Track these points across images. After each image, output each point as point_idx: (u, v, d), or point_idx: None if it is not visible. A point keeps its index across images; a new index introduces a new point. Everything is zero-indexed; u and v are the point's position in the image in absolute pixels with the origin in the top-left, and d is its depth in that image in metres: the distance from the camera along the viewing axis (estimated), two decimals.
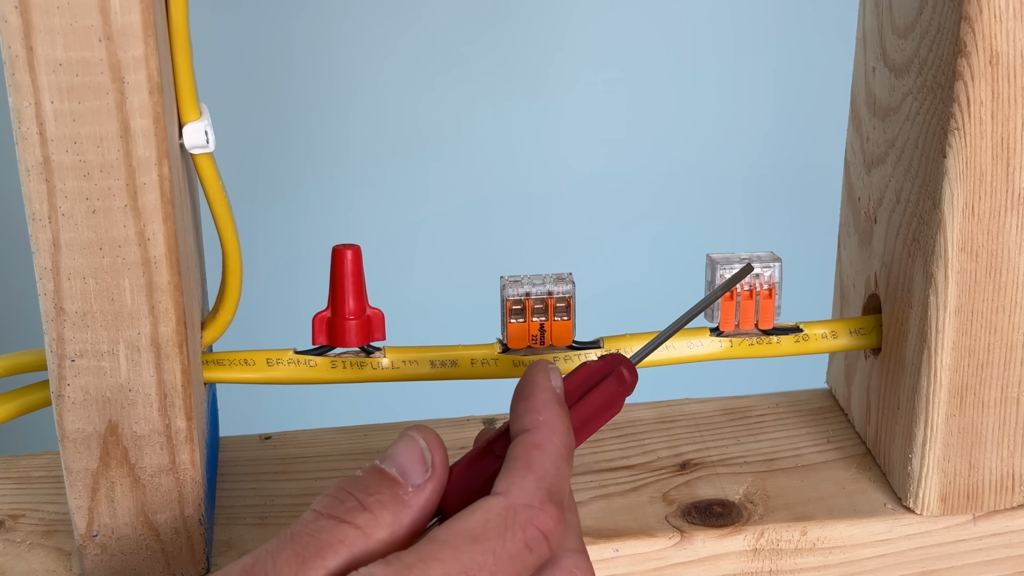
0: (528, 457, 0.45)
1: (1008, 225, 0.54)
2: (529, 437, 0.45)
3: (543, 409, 0.46)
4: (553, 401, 0.47)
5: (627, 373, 0.50)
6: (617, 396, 0.50)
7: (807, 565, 0.58)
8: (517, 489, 0.44)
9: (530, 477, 0.44)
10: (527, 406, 0.46)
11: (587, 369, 0.50)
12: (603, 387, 0.50)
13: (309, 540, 0.42)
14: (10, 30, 0.45)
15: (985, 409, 0.57)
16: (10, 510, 0.59)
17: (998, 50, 0.51)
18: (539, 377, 0.48)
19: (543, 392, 0.47)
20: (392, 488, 0.44)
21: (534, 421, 0.46)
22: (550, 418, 0.46)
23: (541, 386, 0.47)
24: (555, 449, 0.45)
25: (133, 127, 0.47)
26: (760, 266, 0.58)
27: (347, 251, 0.56)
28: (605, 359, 0.50)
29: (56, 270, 0.49)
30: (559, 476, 0.45)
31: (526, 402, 0.47)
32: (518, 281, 0.57)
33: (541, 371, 0.48)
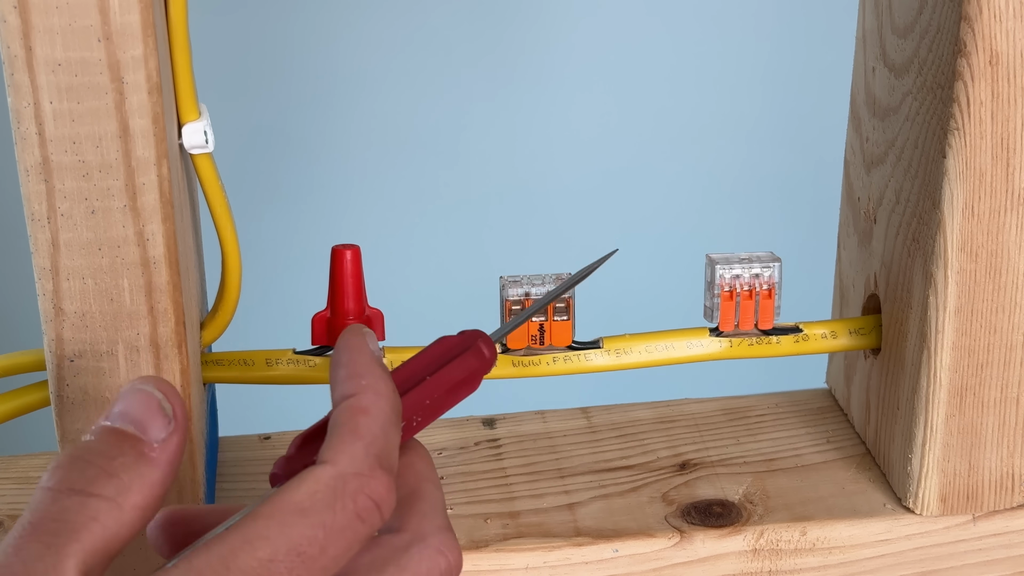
0: (354, 423, 0.42)
1: (1008, 225, 0.54)
2: (354, 402, 0.42)
3: (365, 373, 0.43)
4: (374, 363, 0.44)
5: (486, 349, 0.48)
6: (475, 372, 0.48)
7: (807, 565, 0.58)
8: (345, 457, 0.41)
9: (358, 444, 0.41)
10: (347, 372, 0.43)
11: (444, 343, 0.48)
12: (460, 361, 0.47)
13: (55, 526, 0.38)
14: (9, 30, 0.45)
15: (985, 409, 0.57)
16: (10, 510, 0.59)
17: (998, 50, 0.51)
18: (356, 341, 0.45)
19: (361, 355, 0.44)
20: (135, 447, 0.40)
21: (356, 386, 0.43)
22: (373, 382, 0.43)
23: (359, 349, 0.44)
24: (382, 413, 0.42)
25: (132, 127, 0.47)
26: (760, 266, 0.58)
27: (347, 251, 0.56)
28: (464, 334, 0.48)
29: (55, 270, 0.49)
30: (388, 441, 0.42)
31: (345, 368, 0.44)
32: (518, 281, 0.57)
33: (356, 335, 0.45)
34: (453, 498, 0.60)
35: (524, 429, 0.65)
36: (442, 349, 0.48)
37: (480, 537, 0.57)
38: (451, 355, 0.48)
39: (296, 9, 1.11)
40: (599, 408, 0.66)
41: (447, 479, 0.61)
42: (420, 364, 0.47)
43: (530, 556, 0.57)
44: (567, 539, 0.57)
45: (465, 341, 0.48)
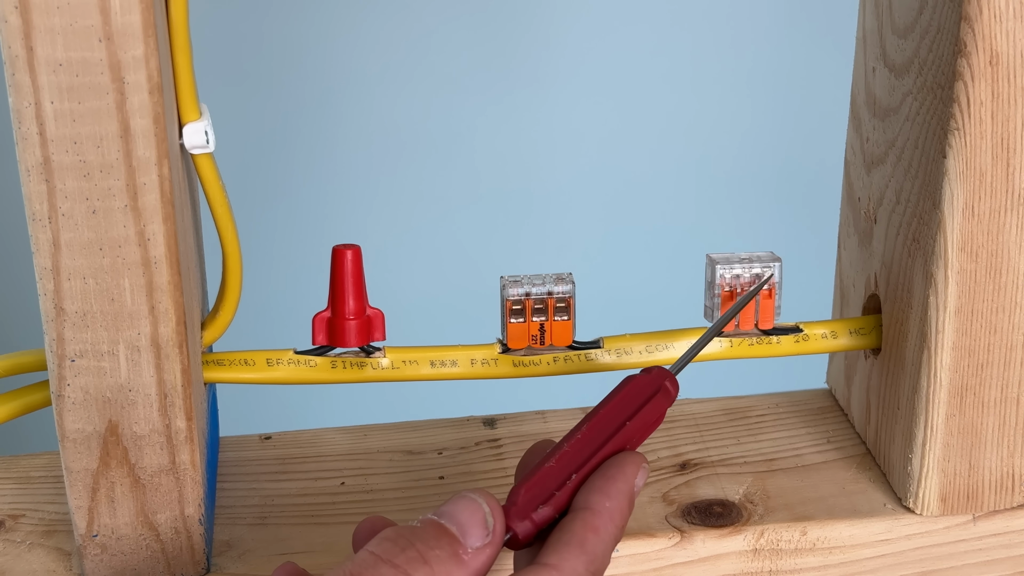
0: (584, 537, 0.46)
1: (1008, 225, 0.54)
2: (591, 517, 0.46)
3: (615, 496, 0.47)
4: (626, 494, 0.48)
5: (671, 388, 0.52)
6: (663, 410, 0.51)
7: (807, 565, 0.58)
8: (568, 567, 0.45)
9: (583, 558, 0.45)
10: (602, 485, 0.47)
11: (635, 384, 0.51)
12: (654, 404, 0.51)
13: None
14: (10, 30, 0.45)
15: (985, 409, 0.57)
16: (10, 510, 0.59)
17: (998, 50, 0.51)
18: (629, 468, 0.48)
19: (622, 482, 0.48)
20: (452, 545, 0.44)
21: (600, 504, 0.47)
22: (616, 507, 0.47)
23: (625, 475, 0.48)
24: (610, 538, 0.46)
25: (133, 127, 0.47)
26: (760, 266, 0.58)
27: (347, 251, 0.56)
28: (651, 374, 0.51)
29: (56, 270, 0.49)
30: (604, 564, 0.46)
31: (604, 481, 0.48)
32: (518, 281, 0.57)
33: (633, 464, 0.48)
34: None
35: (525, 429, 0.65)
36: (633, 390, 0.51)
37: None
38: (644, 397, 0.51)
39: (297, 9, 1.11)
40: None
41: (447, 479, 0.61)
42: (617, 408, 0.50)
43: None
44: None
45: (654, 382, 0.51)
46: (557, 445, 0.49)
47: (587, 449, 0.48)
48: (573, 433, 0.49)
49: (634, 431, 0.50)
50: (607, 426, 0.49)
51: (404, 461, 0.62)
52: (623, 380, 0.51)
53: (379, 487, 0.61)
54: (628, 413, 0.50)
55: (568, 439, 0.49)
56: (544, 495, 0.47)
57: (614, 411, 0.50)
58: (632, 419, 0.50)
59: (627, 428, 0.49)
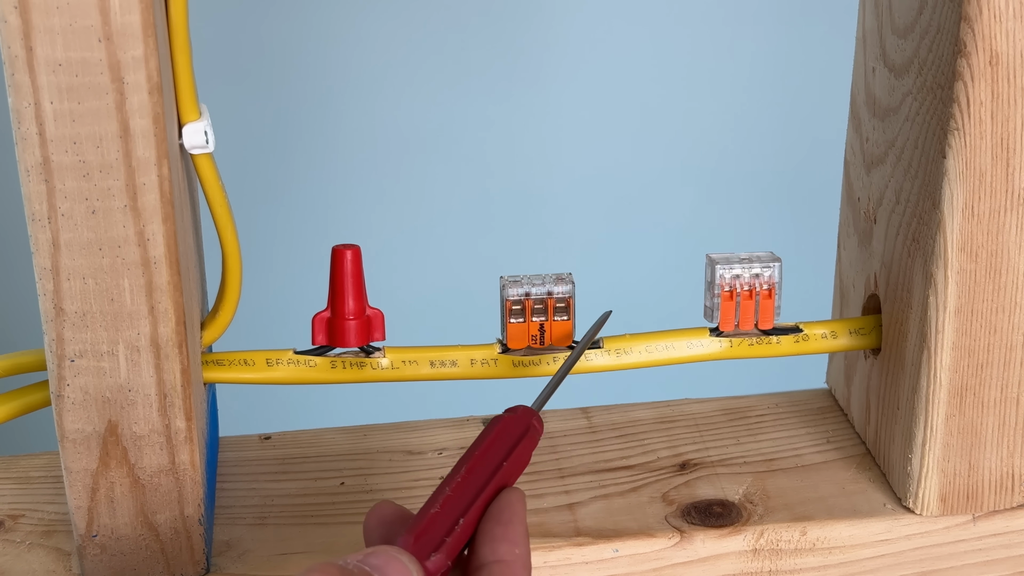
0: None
1: (1008, 225, 0.54)
2: (509, 570, 0.46)
3: (520, 542, 0.47)
4: (526, 536, 0.47)
5: (538, 426, 0.52)
6: (531, 449, 0.51)
7: (807, 565, 0.58)
8: None
9: None
10: (505, 533, 0.47)
11: (505, 424, 0.51)
12: (525, 444, 0.51)
13: None
14: (10, 30, 0.45)
15: (985, 409, 0.57)
16: (10, 510, 0.59)
17: (998, 50, 0.51)
18: (519, 507, 0.48)
19: (521, 524, 0.47)
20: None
21: (511, 553, 0.46)
22: (524, 554, 0.46)
23: (520, 517, 0.47)
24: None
25: (133, 127, 0.47)
26: (760, 266, 0.58)
27: (347, 251, 0.56)
28: (517, 414, 0.51)
29: (56, 270, 0.49)
30: None
31: (504, 528, 0.47)
32: (518, 281, 0.57)
33: (521, 501, 0.48)
34: None
35: None
36: (504, 430, 0.51)
37: None
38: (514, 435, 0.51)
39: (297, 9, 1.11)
40: (599, 408, 0.66)
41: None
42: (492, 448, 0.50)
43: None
44: (567, 539, 0.57)
45: (520, 422, 0.51)
46: (438, 489, 0.48)
47: (470, 492, 0.48)
48: (452, 477, 0.48)
49: (510, 471, 0.49)
50: (485, 467, 0.49)
51: (404, 461, 0.62)
52: (491, 421, 0.51)
53: (379, 487, 0.61)
54: (503, 453, 0.50)
55: (449, 483, 0.48)
56: (435, 542, 0.46)
57: (489, 452, 0.49)
58: (507, 459, 0.49)
59: (503, 469, 0.49)
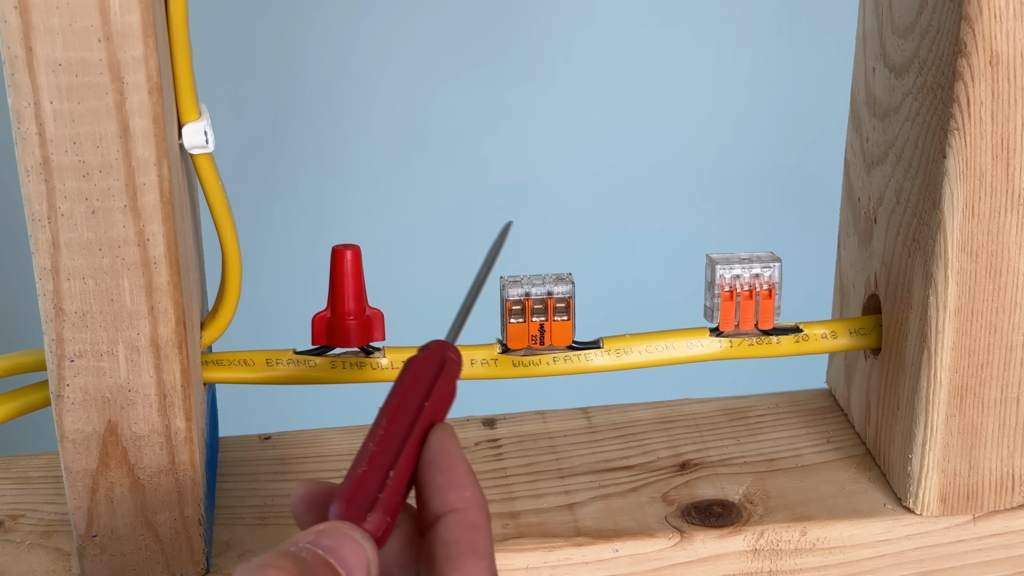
0: (473, 542, 0.43)
1: (1008, 225, 0.54)
2: (466, 518, 0.44)
3: (467, 483, 0.44)
4: (470, 474, 0.45)
5: (455, 356, 0.49)
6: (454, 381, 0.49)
7: (807, 565, 0.58)
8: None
9: (483, 563, 0.43)
10: (448, 480, 0.44)
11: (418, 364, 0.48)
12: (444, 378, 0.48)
13: None
14: (10, 30, 0.45)
15: (985, 409, 0.57)
16: (10, 510, 0.59)
17: (998, 50, 0.51)
18: (453, 446, 0.46)
19: (461, 464, 0.45)
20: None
21: (462, 498, 0.44)
22: (476, 494, 0.44)
23: (458, 456, 0.45)
24: (488, 527, 0.44)
25: (132, 127, 0.47)
26: (760, 266, 0.58)
27: (347, 251, 0.56)
28: (430, 350, 0.49)
29: (55, 270, 0.49)
30: (493, 554, 0.44)
31: (445, 474, 0.45)
32: (518, 281, 0.57)
33: (452, 439, 0.46)
34: None
35: (524, 429, 0.65)
36: (418, 370, 0.48)
37: None
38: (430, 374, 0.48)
39: (296, 9, 1.11)
40: (599, 408, 0.66)
41: None
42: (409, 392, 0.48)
43: (530, 556, 0.57)
44: (567, 539, 0.57)
45: (435, 356, 0.49)
46: (362, 448, 0.45)
47: (395, 441, 0.45)
48: (375, 430, 0.46)
49: (433, 410, 0.47)
50: (406, 413, 0.46)
51: None
52: (404, 363, 0.48)
53: None
54: (422, 395, 0.47)
55: (371, 437, 0.45)
56: (368, 502, 0.43)
57: (407, 397, 0.47)
58: (428, 399, 0.47)
59: (426, 409, 0.46)
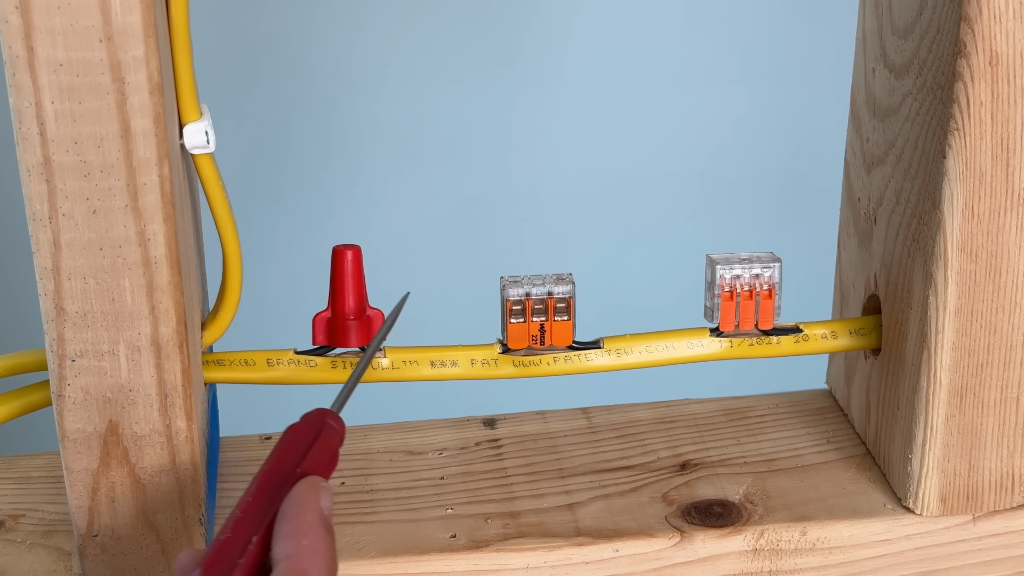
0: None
1: (1008, 225, 0.54)
2: (294, 563, 0.44)
3: (308, 532, 0.45)
4: (319, 524, 0.45)
5: (335, 424, 0.50)
6: (335, 447, 0.50)
7: (807, 565, 0.58)
8: None
9: None
10: (291, 527, 0.45)
11: (295, 431, 0.49)
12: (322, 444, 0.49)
13: None
14: (11, 31, 0.45)
15: (985, 409, 0.57)
16: (10, 510, 0.59)
17: (998, 51, 0.51)
18: (307, 497, 0.46)
19: (310, 513, 0.46)
20: None
21: (298, 546, 0.44)
22: (314, 542, 0.45)
23: (308, 506, 0.46)
24: (322, 573, 0.44)
25: (134, 127, 0.47)
26: (760, 266, 0.58)
27: (347, 251, 0.56)
28: (309, 418, 0.50)
29: (56, 270, 0.49)
30: None
31: (290, 523, 0.45)
32: (518, 281, 0.58)
33: (310, 490, 0.47)
34: (454, 498, 0.60)
35: (525, 429, 0.65)
36: (295, 438, 0.49)
37: (481, 537, 0.57)
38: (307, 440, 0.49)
39: (297, 9, 1.11)
40: (599, 408, 0.66)
41: (448, 479, 0.61)
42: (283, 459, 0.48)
43: (530, 556, 0.57)
44: (567, 539, 0.57)
45: (313, 423, 0.50)
46: (231, 513, 0.46)
47: (262, 508, 0.46)
48: (244, 497, 0.46)
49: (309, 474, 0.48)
50: (277, 479, 0.47)
51: (404, 461, 0.62)
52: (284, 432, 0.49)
53: (379, 487, 0.61)
54: (296, 461, 0.48)
55: (240, 504, 0.46)
56: (228, 568, 0.44)
57: (279, 463, 0.48)
58: (301, 465, 0.48)
59: (299, 475, 0.47)
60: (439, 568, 0.56)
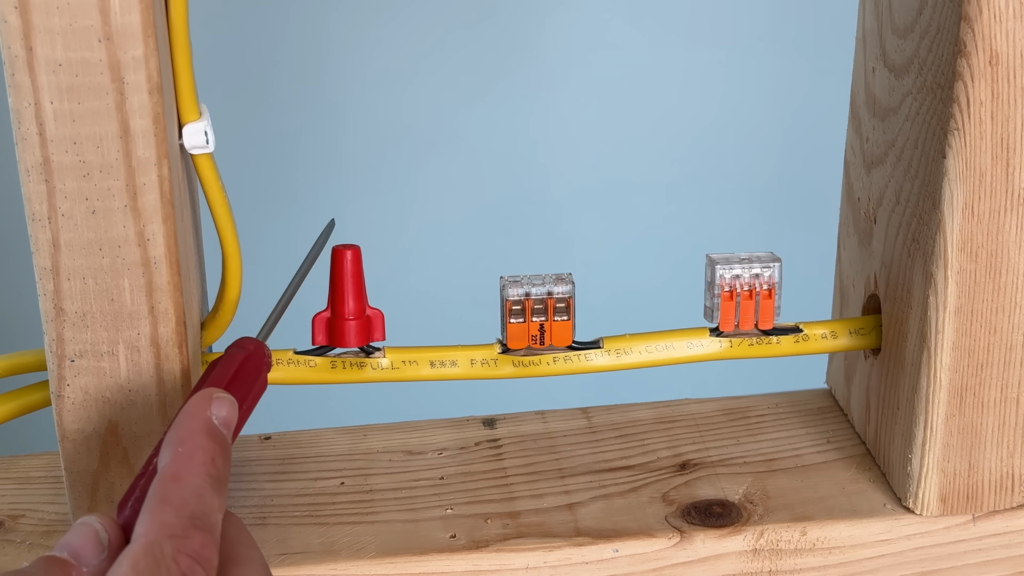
0: (164, 491, 0.44)
1: (1008, 225, 0.54)
2: (166, 471, 0.44)
3: (186, 440, 0.45)
4: (199, 431, 0.46)
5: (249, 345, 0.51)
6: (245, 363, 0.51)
7: (807, 565, 0.58)
8: (156, 525, 0.43)
9: (167, 510, 0.43)
10: (172, 436, 0.46)
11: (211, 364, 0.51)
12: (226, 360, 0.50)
13: None
14: (10, 31, 0.45)
15: (985, 409, 0.57)
16: (10, 510, 0.59)
17: (998, 50, 0.51)
18: (194, 406, 0.47)
19: (192, 421, 0.46)
20: (65, 570, 0.43)
21: (173, 453, 0.45)
22: (190, 448, 0.45)
23: (192, 415, 0.46)
24: (195, 478, 0.44)
25: (133, 127, 0.47)
26: (760, 266, 0.58)
27: (347, 251, 0.56)
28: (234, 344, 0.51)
29: (56, 270, 0.49)
30: (202, 503, 0.44)
31: (172, 432, 0.46)
32: (518, 281, 0.57)
33: (199, 400, 0.47)
34: (453, 498, 0.60)
35: (524, 429, 0.65)
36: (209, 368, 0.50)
37: (480, 537, 0.57)
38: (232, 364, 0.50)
39: (297, 10, 1.11)
40: (599, 408, 0.66)
41: (447, 479, 0.61)
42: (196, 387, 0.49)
43: (530, 556, 0.57)
44: (567, 539, 0.57)
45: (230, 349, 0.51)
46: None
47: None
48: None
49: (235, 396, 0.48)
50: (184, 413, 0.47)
51: (404, 461, 0.62)
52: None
53: (379, 487, 0.61)
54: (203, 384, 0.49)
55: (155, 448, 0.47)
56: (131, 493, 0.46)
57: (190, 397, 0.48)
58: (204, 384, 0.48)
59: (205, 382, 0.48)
60: (439, 568, 0.56)
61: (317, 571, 0.56)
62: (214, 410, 0.47)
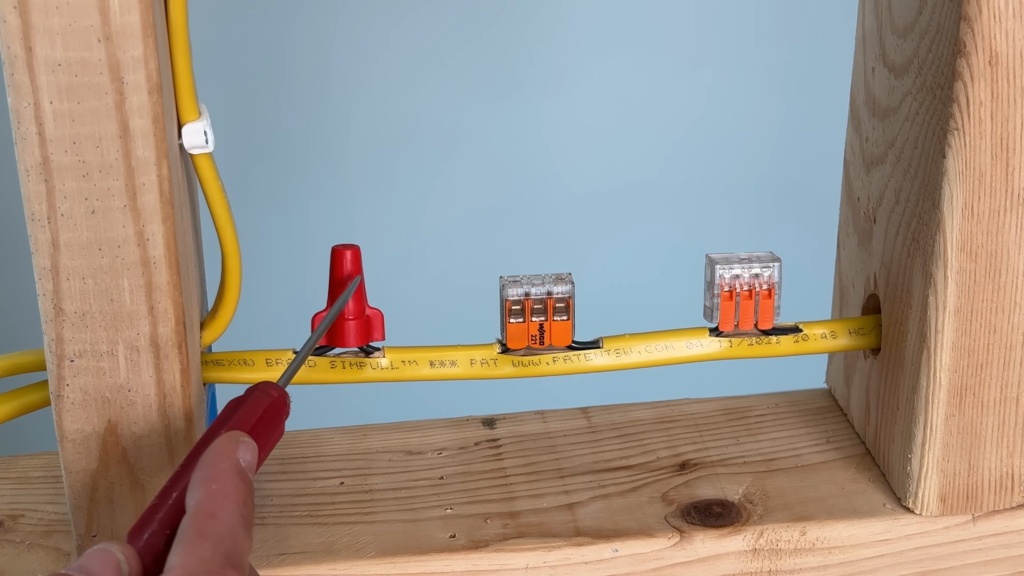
0: (201, 526, 0.44)
1: (1007, 225, 0.54)
2: (201, 507, 0.45)
3: (218, 478, 0.46)
4: (232, 472, 0.46)
5: (272, 391, 0.51)
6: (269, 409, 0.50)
7: (806, 565, 0.58)
8: (195, 559, 0.43)
9: (205, 544, 0.43)
10: (203, 475, 0.46)
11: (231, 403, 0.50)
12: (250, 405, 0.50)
13: None
14: (9, 30, 0.45)
15: (984, 409, 0.57)
16: (9, 510, 0.59)
17: (998, 50, 0.51)
18: (223, 446, 0.47)
19: (223, 461, 0.46)
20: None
21: (208, 491, 0.45)
22: (223, 487, 0.45)
23: (222, 455, 0.47)
24: (231, 516, 0.45)
25: (132, 127, 0.47)
26: (760, 266, 0.58)
27: (347, 251, 0.56)
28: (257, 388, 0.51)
29: (55, 270, 0.49)
30: (236, 542, 0.44)
31: (203, 471, 0.46)
32: (517, 281, 0.57)
33: (227, 441, 0.47)
34: (453, 498, 0.60)
35: (524, 429, 0.65)
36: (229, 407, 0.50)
37: (480, 537, 0.57)
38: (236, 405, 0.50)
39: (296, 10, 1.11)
40: (599, 408, 0.66)
41: (447, 479, 0.61)
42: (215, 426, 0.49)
43: (530, 556, 0.57)
44: (567, 539, 0.57)
45: (249, 393, 0.51)
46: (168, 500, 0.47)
47: (188, 472, 0.47)
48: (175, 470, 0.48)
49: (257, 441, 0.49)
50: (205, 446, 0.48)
51: (404, 461, 0.62)
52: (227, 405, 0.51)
53: (379, 487, 0.61)
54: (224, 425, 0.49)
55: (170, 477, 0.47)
56: (149, 523, 0.45)
57: (211, 432, 0.49)
58: (226, 426, 0.49)
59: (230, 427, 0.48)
60: (438, 568, 0.56)
61: (316, 571, 0.56)
62: (240, 454, 0.47)
